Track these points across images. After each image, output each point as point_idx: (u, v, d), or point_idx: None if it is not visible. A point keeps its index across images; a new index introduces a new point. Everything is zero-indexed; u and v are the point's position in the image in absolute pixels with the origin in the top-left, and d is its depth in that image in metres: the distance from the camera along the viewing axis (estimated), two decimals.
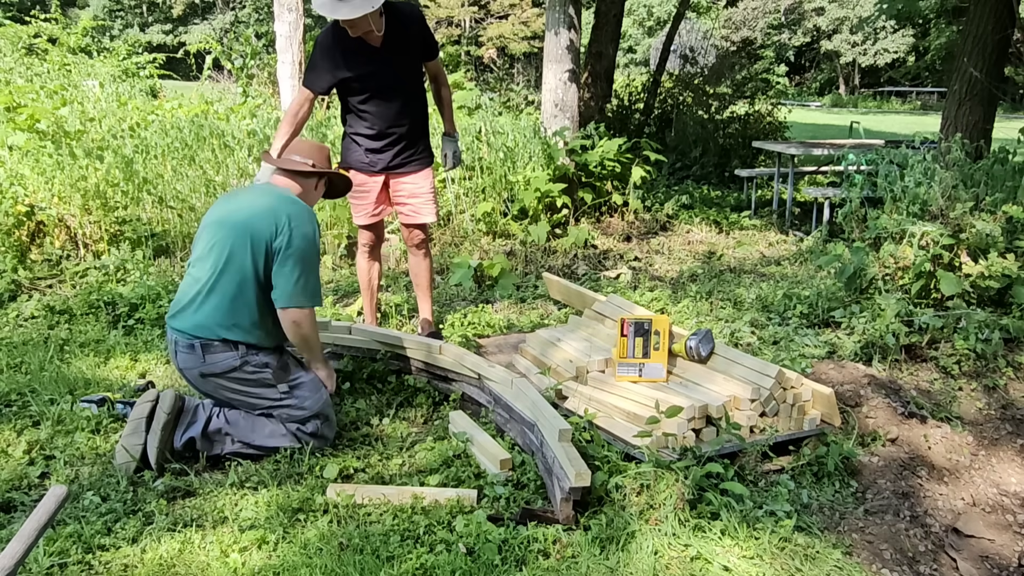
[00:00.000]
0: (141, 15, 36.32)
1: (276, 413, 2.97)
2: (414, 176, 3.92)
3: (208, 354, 2.87)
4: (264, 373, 2.93)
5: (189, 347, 2.87)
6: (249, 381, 2.92)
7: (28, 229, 5.28)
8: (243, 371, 2.90)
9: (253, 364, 2.91)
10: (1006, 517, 2.73)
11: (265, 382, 2.94)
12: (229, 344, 2.88)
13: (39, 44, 12.33)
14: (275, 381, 2.94)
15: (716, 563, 2.29)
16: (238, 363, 2.89)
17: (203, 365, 2.88)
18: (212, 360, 2.87)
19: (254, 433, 2.93)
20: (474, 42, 28.31)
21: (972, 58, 6.22)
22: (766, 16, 32.24)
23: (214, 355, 2.87)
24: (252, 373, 2.91)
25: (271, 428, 2.95)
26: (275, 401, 2.96)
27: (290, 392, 2.97)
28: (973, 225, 3.94)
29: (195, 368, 2.90)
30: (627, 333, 3.15)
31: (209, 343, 2.87)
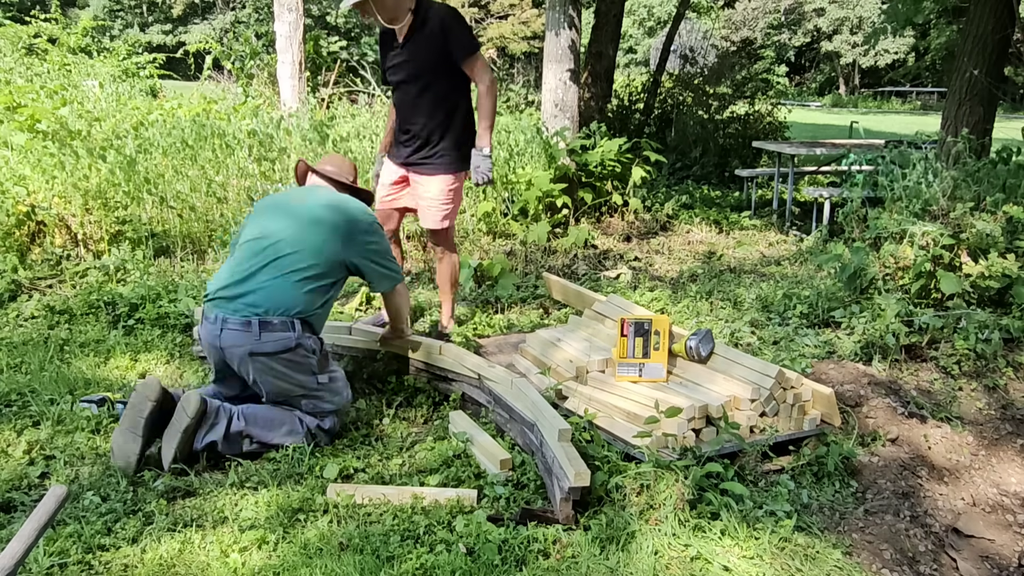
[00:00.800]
0: (141, 15, 36.31)
1: (305, 404, 2.99)
2: (424, 178, 3.89)
3: (265, 331, 2.85)
4: (311, 359, 2.96)
5: (244, 324, 2.85)
6: (296, 365, 2.93)
7: (29, 229, 5.28)
8: (295, 353, 2.91)
9: (305, 348, 2.93)
10: (1006, 517, 2.73)
11: (309, 368, 2.96)
12: (288, 324, 2.89)
13: (39, 44, 12.33)
14: (318, 369, 2.99)
15: (716, 563, 2.29)
16: (293, 344, 2.89)
17: (256, 343, 2.85)
18: (268, 338, 2.86)
19: (271, 432, 2.94)
20: None
21: (972, 58, 6.22)
22: (766, 16, 32.25)
23: (271, 333, 2.86)
24: (302, 357, 2.93)
25: (288, 427, 2.97)
26: (310, 391, 2.98)
27: (327, 384, 3.02)
28: (973, 225, 3.94)
29: (244, 345, 2.86)
30: (627, 333, 3.15)
31: (269, 321, 2.86)
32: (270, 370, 2.91)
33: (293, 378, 2.94)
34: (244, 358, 2.88)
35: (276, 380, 2.93)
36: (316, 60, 11.42)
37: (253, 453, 2.94)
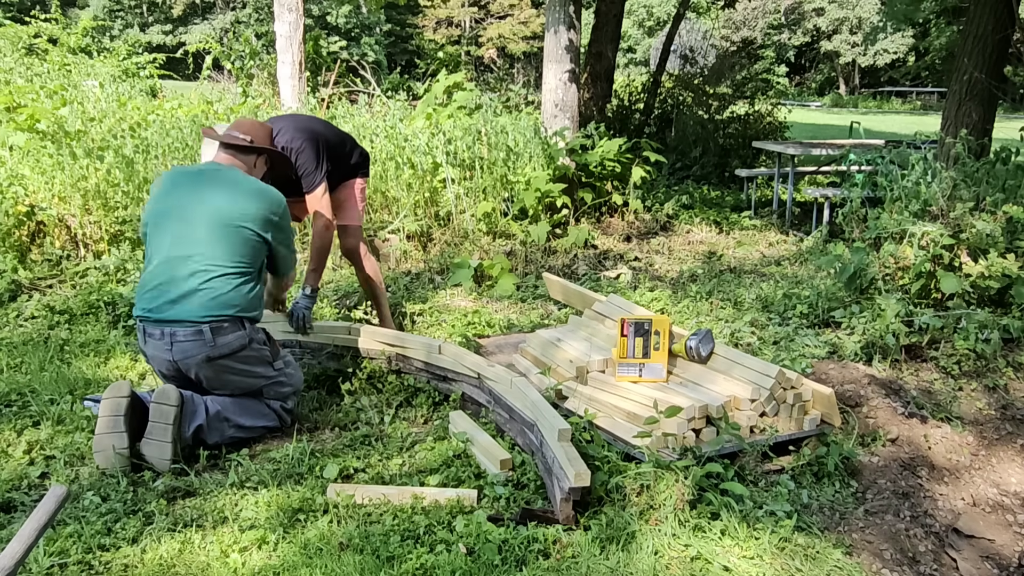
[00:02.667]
0: (141, 15, 36.31)
1: (267, 390, 3.07)
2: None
3: (219, 336, 2.89)
4: (265, 350, 3.06)
5: (195, 333, 2.87)
6: (253, 359, 3.01)
7: (28, 229, 5.28)
8: (250, 348, 2.99)
9: (257, 341, 3.02)
10: (1006, 517, 2.73)
11: (265, 359, 3.06)
12: (237, 322, 2.94)
13: (39, 44, 12.33)
14: (272, 358, 3.08)
15: (716, 563, 2.29)
16: (246, 341, 2.96)
17: (212, 348, 2.89)
18: (223, 341, 2.90)
19: (244, 415, 3.01)
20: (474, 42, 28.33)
21: (972, 58, 6.22)
22: (766, 16, 32.25)
23: (224, 336, 2.90)
24: (257, 351, 3.02)
25: (257, 408, 3.06)
26: (269, 379, 3.07)
27: (283, 369, 3.14)
28: (973, 225, 3.94)
29: (200, 354, 2.89)
30: (627, 333, 3.15)
31: (219, 325, 2.89)
32: (229, 370, 2.97)
33: (253, 371, 3.03)
34: (201, 364, 2.92)
35: (237, 377, 3.01)
36: (316, 60, 11.43)
37: (245, 443, 2.97)
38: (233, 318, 2.93)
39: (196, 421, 2.87)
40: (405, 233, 6.04)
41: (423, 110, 8.47)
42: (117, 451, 2.75)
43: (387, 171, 6.30)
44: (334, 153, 3.79)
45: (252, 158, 3.24)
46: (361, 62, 13.40)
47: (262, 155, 3.29)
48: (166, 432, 2.77)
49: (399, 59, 32.41)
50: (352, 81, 11.51)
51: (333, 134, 3.88)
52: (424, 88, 10.53)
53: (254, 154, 3.25)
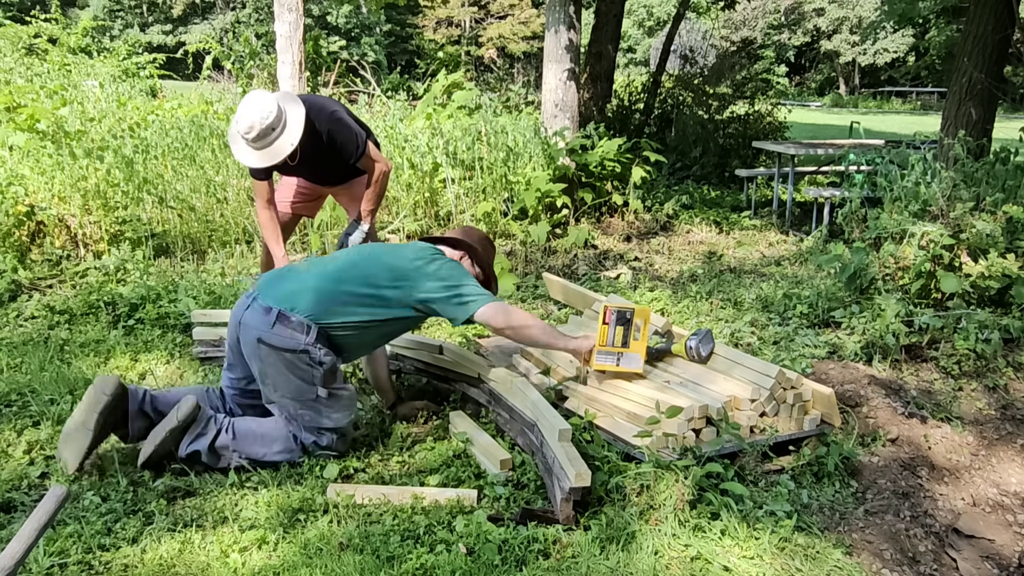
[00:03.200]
0: (141, 15, 36.31)
1: (303, 415, 2.86)
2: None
3: (280, 324, 2.79)
4: (316, 371, 2.83)
5: (266, 309, 2.82)
6: (296, 368, 2.81)
7: (28, 229, 5.28)
8: (299, 356, 2.80)
9: (312, 357, 2.81)
10: (1006, 517, 2.73)
11: (311, 379, 2.83)
12: (304, 326, 2.81)
13: (39, 44, 12.34)
14: (320, 383, 2.85)
15: (716, 563, 2.29)
16: (300, 348, 2.79)
17: (268, 332, 2.79)
18: (279, 331, 2.79)
19: (263, 448, 2.85)
20: (474, 42, 28.33)
21: (972, 58, 6.22)
22: (766, 16, 32.25)
23: (284, 327, 2.79)
24: (305, 364, 2.81)
25: (282, 444, 2.87)
26: (307, 400, 2.85)
27: (327, 400, 2.88)
28: (973, 225, 3.94)
29: (258, 330, 2.81)
30: (608, 321, 3.03)
31: (287, 316, 2.80)
32: (272, 363, 2.82)
33: (291, 381, 2.83)
34: (251, 342, 2.83)
35: (275, 375, 2.83)
36: (316, 60, 11.43)
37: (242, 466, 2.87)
38: (304, 322, 2.81)
39: (196, 447, 2.77)
40: (405, 233, 6.04)
41: (423, 110, 8.48)
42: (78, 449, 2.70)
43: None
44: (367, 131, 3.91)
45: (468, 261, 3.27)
46: (361, 62, 13.41)
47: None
48: (156, 437, 2.74)
49: (399, 59, 32.42)
50: (352, 81, 11.52)
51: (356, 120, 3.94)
52: (424, 88, 10.54)
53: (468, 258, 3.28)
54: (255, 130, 3.38)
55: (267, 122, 3.39)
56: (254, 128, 3.38)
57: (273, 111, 3.40)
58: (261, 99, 3.42)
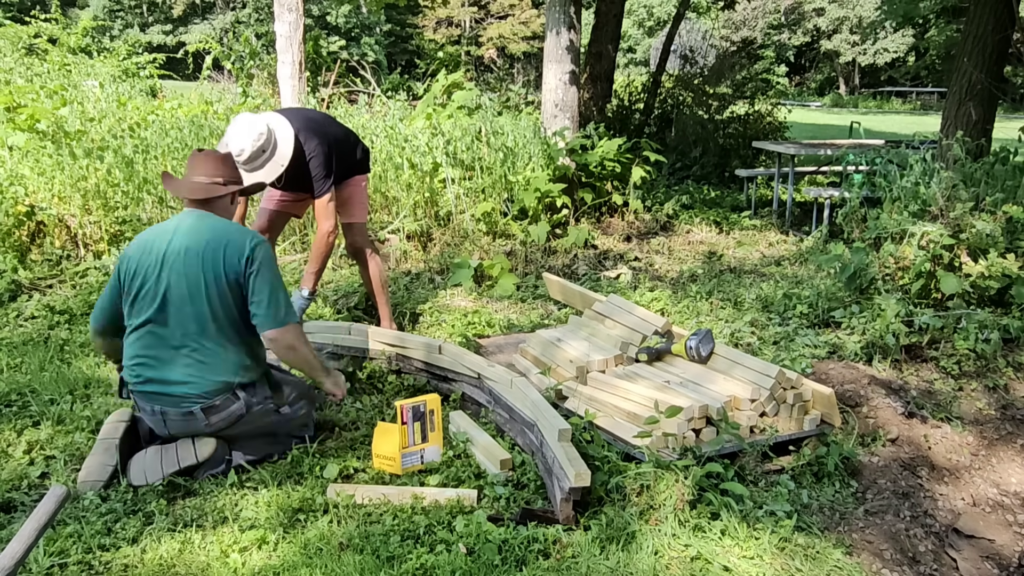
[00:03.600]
0: (141, 15, 36.30)
1: (281, 429, 2.93)
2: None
3: (212, 415, 2.72)
4: (267, 404, 2.85)
5: (186, 415, 2.70)
6: (256, 417, 2.82)
7: (28, 229, 5.28)
8: (250, 414, 2.79)
9: (256, 402, 2.81)
10: (1006, 517, 2.73)
11: (270, 412, 2.86)
12: (230, 396, 2.74)
13: (39, 44, 12.33)
14: (277, 406, 2.89)
15: (716, 563, 2.29)
16: (244, 410, 2.77)
17: (207, 426, 2.73)
18: (216, 419, 2.73)
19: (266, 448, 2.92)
20: (474, 42, 28.33)
21: (972, 58, 6.22)
22: (766, 16, 32.24)
23: (218, 414, 2.73)
24: (258, 412, 2.81)
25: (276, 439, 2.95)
26: (279, 422, 2.91)
27: (292, 408, 2.95)
28: (973, 225, 3.94)
29: (196, 431, 2.76)
30: (406, 420, 2.84)
31: (211, 405, 2.71)
32: (233, 434, 2.82)
33: (257, 427, 2.85)
34: (199, 432, 2.78)
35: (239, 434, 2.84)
36: (316, 60, 11.42)
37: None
38: (224, 392, 2.73)
39: (216, 470, 2.80)
40: (405, 233, 6.04)
41: (423, 110, 8.47)
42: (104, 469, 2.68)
43: (387, 171, 6.30)
44: (341, 151, 3.78)
45: (226, 198, 2.92)
46: (361, 62, 13.40)
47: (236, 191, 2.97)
48: (171, 466, 2.72)
49: (399, 59, 32.41)
50: (352, 81, 11.51)
51: (339, 130, 3.88)
52: (424, 88, 10.54)
53: (227, 194, 2.91)
54: (246, 152, 3.41)
55: (258, 144, 3.42)
56: (245, 151, 3.41)
57: (264, 133, 3.44)
58: (251, 122, 3.44)
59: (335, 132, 3.80)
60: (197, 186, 2.85)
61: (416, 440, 2.86)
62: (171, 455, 2.75)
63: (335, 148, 3.71)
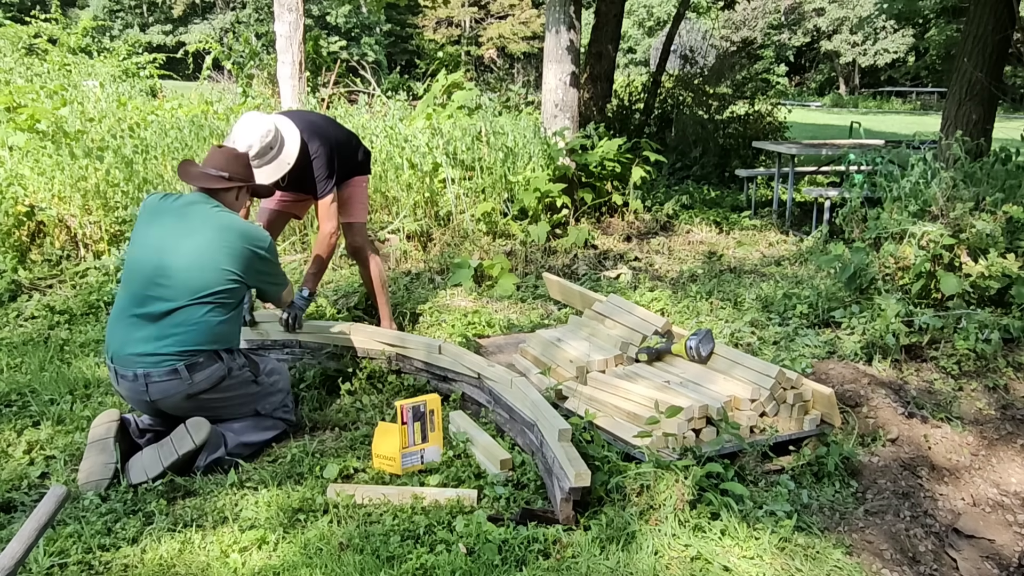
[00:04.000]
0: (141, 15, 36.31)
1: (260, 406, 3.02)
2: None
3: (195, 372, 2.79)
4: (245, 372, 2.96)
5: (170, 372, 2.76)
6: (235, 385, 2.93)
7: (28, 229, 5.28)
8: (230, 377, 2.89)
9: (236, 367, 2.92)
10: (1006, 517, 2.73)
11: (247, 380, 2.97)
12: (213, 355, 2.84)
13: (39, 44, 12.33)
14: (255, 375, 3.00)
15: (716, 563, 2.29)
16: (225, 371, 2.87)
17: (191, 386, 2.79)
18: (200, 377, 2.80)
19: (258, 433, 2.98)
20: (474, 42, 28.33)
21: (972, 58, 6.22)
22: (766, 16, 32.25)
23: (202, 371, 2.81)
24: (237, 377, 2.92)
25: (265, 423, 3.03)
26: (258, 395, 3.01)
27: (267, 382, 3.05)
28: (973, 225, 3.95)
29: (179, 393, 2.80)
30: (406, 420, 2.86)
31: (195, 361, 2.79)
32: (212, 400, 2.89)
33: (238, 396, 2.95)
34: (180, 402, 2.83)
35: (221, 407, 2.92)
36: (316, 60, 11.43)
37: (246, 455, 2.96)
38: (208, 352, 2.82)
39: (215, 454, 2.83)
40: (405, 233, 6.04)
41: (423, 110, 8.47)
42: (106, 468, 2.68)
43: (387, 171, 6.30)
44: (343, 153, 3.80)
45: (232, 193, 3.07)
46: (361, 62, 13.41)
47: (242, 188, 3.11)
48: (170, 456, 2.74)
49: (399, 59, 32.41)
50: (352, 81, 11.51)
51: (341, 133, 3.90)
52: (424, 88, 10.54)
53: (233, 190, 3.07)
54: (255, 147, 3.42)
55: (267, 140, 3.44)
56: (253, 146, 3.42)
57: (271, 130, 3.47)
58: (258, 120, 3.47)
59: (337, 134, 3.83)
60: (205, 176, 3.03)
61: (416, 440, 2.87)
62: (168, 447, 2.76)
63: (337, 150, 3.74)
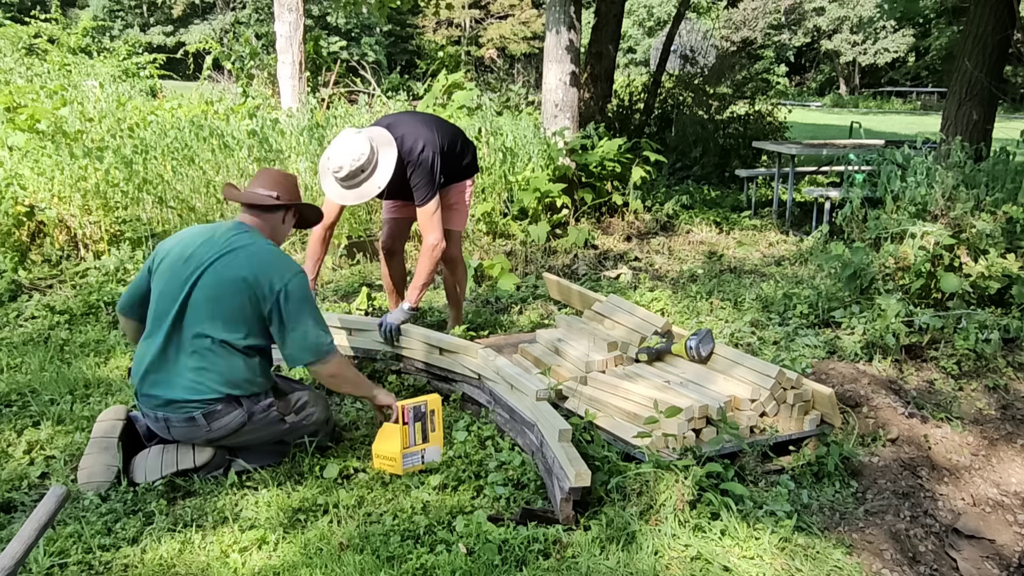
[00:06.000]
0: (141, 15, 36.30)
1: (290, 439, 2.90)
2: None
3: (213, 421, 2.69)
4: (271, 412, 2.80)
5: (188, 420, 2.67)
6: (258, 427, 2.79)
7: (28, 229, 5.28)
8: (252, 422, 2.76)
9: (259, 410, 2.77)
10: (1007, 517, 2.73)
11: (272, 422, 2.81)
12: (232, 402, 2.71)
13: (39, 44, 12.33)
14: (282, 414, 2.84)
15: (716, 563, 2.29)
16: (245, 418, 2.73)
17: (208, 433, 2.70)
18: (218, 425, 2.70)
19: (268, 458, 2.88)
20: (474, 42, 28.31)
21: (972, 58, 6.22)
22: (766, 16, 32.22)
23: (220, 419, 2.69)
24: (260, 420, 2.78)
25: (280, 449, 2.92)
26: (287, 431, 2.87)
27: (296, 420, 2.87)
28: (973, 225, 3.95)
29: (199, 437, 2.73)
30: (407, 420, 2.83)
31: (212, 410, 2.68)
32: (237, 442, 2.80)
33: (263, 436, 2.83)
34: (203, 443, 2.77)
35: (246, 444, 2.83)
36: (316, 60, 11.43)
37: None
38: (226, 399, 2.69)
39: (214, 472, 2.79)
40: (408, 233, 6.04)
41: (423, 110, 8.47)
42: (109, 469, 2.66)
43: None
44: (448, 158, 3.64)
45: (279, 215, 2.94)
46: (361, 62, 13.40)
47: (290, 210, 2.98)
48: (170, 467, 2.72)
49: (399, 59, 32.40)
50: (352, 81, 11.51)
51: (448, 134, 3.71)
52: (424, 88, 10.54)
53: (281, 211, 2.94)
54: (344, 170, 3.38)
55: (358, 164, 3.38)
56: (343, 168, 3.38)
57: (365, 153, 3.38)
58: (355, 140, 3.39)
59: (443, 138, 3.64)
60: (252, 195, 2.89)
61: (417, 440, 2.87)
62: (171, 456, 2.75)
63: (442, 155, 3.58)
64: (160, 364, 2.69)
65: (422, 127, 3.59)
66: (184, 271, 2.72)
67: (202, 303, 2.68)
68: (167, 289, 2.73)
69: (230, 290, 2.69)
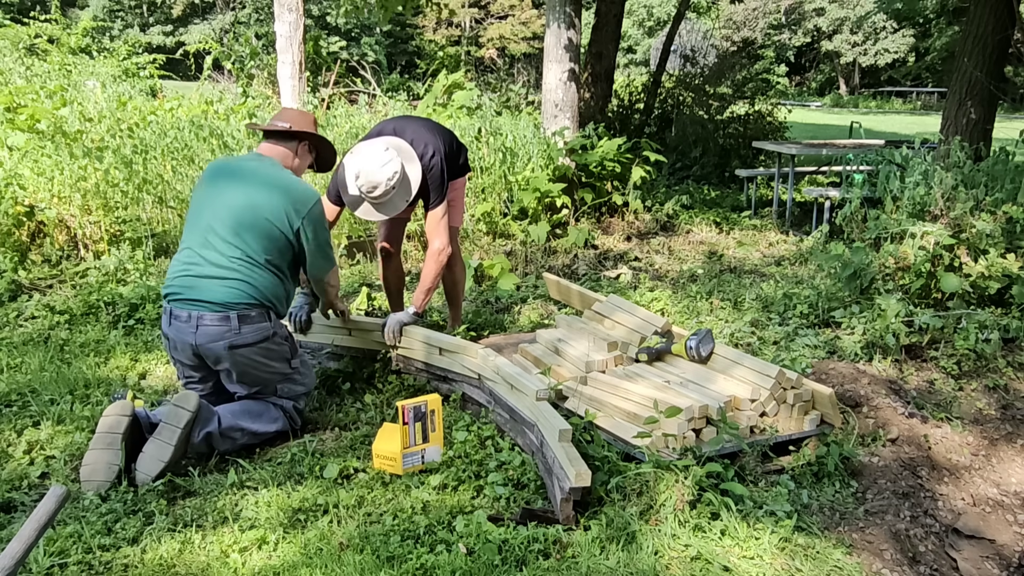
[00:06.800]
0: (141, 15, 36.29)
1: (280, 388, 3.06)
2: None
3: (244, 324, 2.88)
4: (285, 346, 3.04)
5: (222, 319, 2.85)
6: (273, 352, 2.99)
7: (28, 229, 5.28)
8: (272, 341, 2.97)
9: (280, 335, 3.01)
10: (1007, 517, 2.73)
11: (284, 355, 3.04)
12: (264, 313, 2.94)
13: (39, 44, 12.33)
14: (291, 355, 3.07)
15: (716, 563, 2.29)
16: (270, 333, 2.95)
17: (236, 336, 2.87)
18: (247, 330, 2.89)
19: (256, 421, 2.99)
20: (474, 42, 28.31)
21: (972, 58, 6.22)
22: (766, 16, 32.25)
23: (250, 324, 2.89)
24: (278, 345, 3.00)
25: (268, 414, 3.03)
26: (285, 375, 3.06)
27: (298, 367, 3.12)
28: (973, 225, 3.95)
29: (223, 340, 2.86)
30: (408, 420, 2.85)
31: (247, 313, 2.88)
32: (249, 361, 2.94)
33: (271, 366, 3.01)
34: (222, 352, 2.89)
35: (254, 371, 2.98)
36: (316, 60, 11.43)
37: (249, 447, 2.97)
38: (261, 307, 2.92)
39: (208, 428, 2.84)
40: (406, 234, 6.04)
41: (423, 110, 8.47)
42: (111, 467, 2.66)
43: None
44: (449, 160, 3.65)
45: (293, 145, 3.20)
46: (361, 62, 13.40)
47: (303, 141, 3.24)
48: (173, 435, 2.73)
49: (399, 59, 32.41)
50: (352, 81, 11.51)
51: (446, 136, 3.71)
52: (424, 88, 10.54)
53: (295, 140, 3.21)
54: (379, 190, 3.39)
55: (391, 183, 3.39)
56: (378, 188, 3.38)
57: (398, 172, 3.40)
58: (386, 159, 3.37)
59: (443, 142, 3.65)
60: (270, 125, 3.21)
61: (417, 440, 2.87)
62: (167, 430, 2.75)
63: (445, 159, 3.60)
64: (201, 271, 2.91)
65: (426, 132, 3.60)
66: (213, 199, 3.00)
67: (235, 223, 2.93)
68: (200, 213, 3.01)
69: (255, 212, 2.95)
